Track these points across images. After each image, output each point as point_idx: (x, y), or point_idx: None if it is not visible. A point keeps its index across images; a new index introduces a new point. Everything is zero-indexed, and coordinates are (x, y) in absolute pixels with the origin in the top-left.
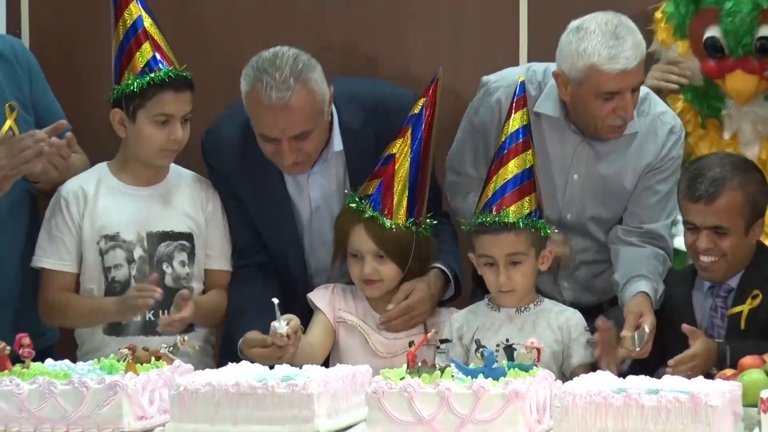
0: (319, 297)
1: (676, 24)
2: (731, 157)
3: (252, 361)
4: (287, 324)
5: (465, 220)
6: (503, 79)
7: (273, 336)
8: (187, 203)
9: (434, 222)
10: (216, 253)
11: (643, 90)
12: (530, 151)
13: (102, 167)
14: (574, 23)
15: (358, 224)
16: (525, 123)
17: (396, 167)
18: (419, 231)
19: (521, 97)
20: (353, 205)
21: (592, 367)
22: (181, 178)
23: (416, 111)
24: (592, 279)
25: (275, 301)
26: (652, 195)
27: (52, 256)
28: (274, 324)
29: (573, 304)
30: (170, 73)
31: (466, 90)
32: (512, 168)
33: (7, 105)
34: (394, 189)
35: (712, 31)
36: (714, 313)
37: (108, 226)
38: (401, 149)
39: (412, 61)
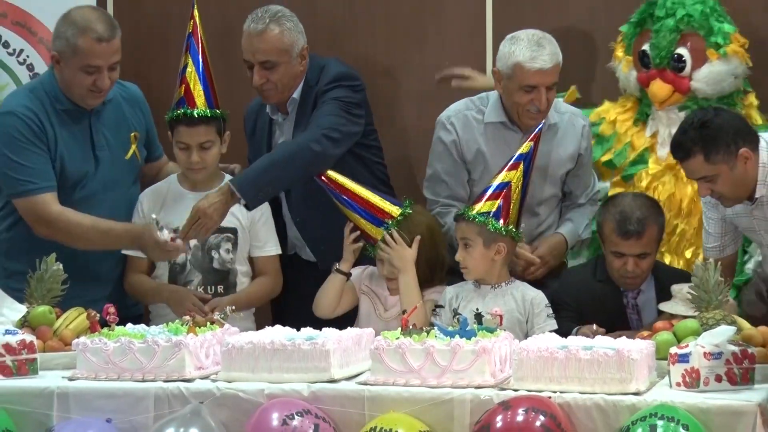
0: (354, 272)
1: (627, 43)
2: (642, 198)
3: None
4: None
5: None
6: (448, 110)
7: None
8: (233, 207)
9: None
10: (261, 243)
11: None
12: (515, 171)
13: (173, 178)
14: (510, 34)
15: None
16: (527, 151)
17: (347, 212)
18: (389, 229)
19: (538, 133)
20: (368, 250)
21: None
22: None
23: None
24: None
25: (153, 216)
26: (577, 179)
27: None
28: (164, 233)
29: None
30: (186, 111)
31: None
32: (499, 178)
33: (132, 134)
34: (355, 222)
35: (645, 46)
36: (631, 311)
37: (173, 222)
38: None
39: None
